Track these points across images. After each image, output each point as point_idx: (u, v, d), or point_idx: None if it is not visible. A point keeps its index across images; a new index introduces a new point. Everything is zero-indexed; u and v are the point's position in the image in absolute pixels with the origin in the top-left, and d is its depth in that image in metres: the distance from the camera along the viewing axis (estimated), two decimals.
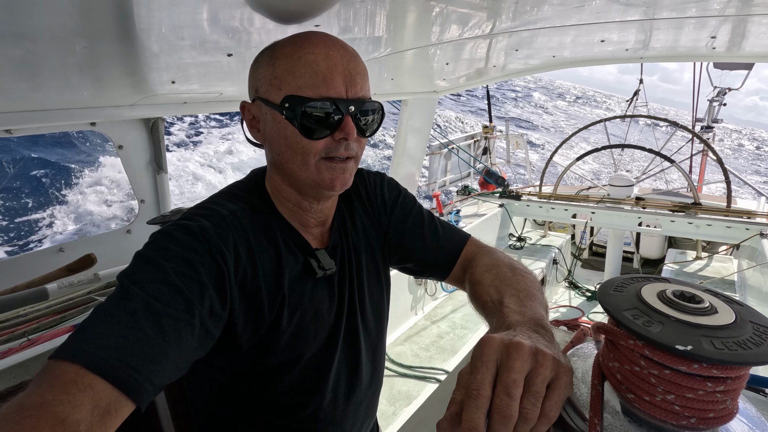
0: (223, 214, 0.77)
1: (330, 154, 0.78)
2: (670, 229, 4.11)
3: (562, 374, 0.52)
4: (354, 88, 0.77)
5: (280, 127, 0.78)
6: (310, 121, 0.75)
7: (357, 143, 0.81)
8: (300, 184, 0.82)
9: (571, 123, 26.87)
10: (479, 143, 6.27)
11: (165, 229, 0.72)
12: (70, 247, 2.13)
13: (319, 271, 0.86)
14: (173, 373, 0.62)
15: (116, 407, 0.55)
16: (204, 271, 0.69)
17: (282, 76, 0.76)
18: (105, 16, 0.77)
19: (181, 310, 0.64)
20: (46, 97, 1.34)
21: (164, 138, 2.32)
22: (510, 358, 0.51)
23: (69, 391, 0.52)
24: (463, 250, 0.99)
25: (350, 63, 0.77)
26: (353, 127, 0.77)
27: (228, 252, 0.73)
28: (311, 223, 0.89)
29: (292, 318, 0.83)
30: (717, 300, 0.54)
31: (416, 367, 2.99)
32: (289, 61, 0.76)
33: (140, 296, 0.62)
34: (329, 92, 0.75)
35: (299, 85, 0.75)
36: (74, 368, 0.54)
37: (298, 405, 0.88)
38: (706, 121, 7.98)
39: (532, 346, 0.53)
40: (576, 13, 1.31)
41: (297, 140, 0.77)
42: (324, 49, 0.76)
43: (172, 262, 0.67)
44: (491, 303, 0.77)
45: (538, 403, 0.49)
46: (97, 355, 0.55)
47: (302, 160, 0.78)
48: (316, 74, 0.74)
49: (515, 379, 0.50)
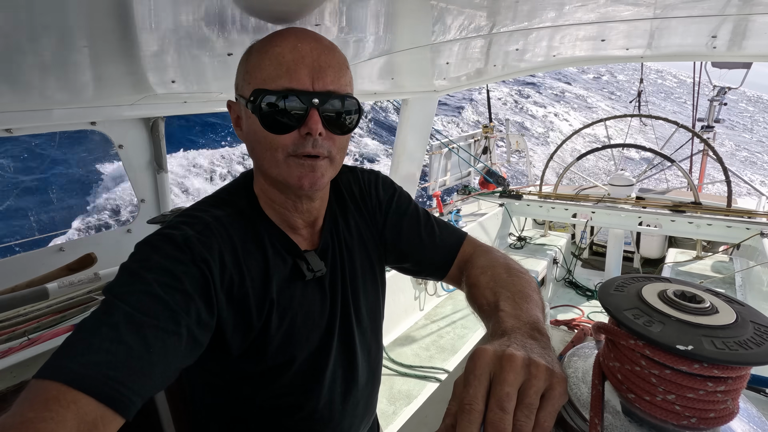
0: (207, 221, 0.75)
1: (297, 150, 0.75)
2: (671, 228, 4.11)
3: (556, 384, 0.52)
4: (322, 81, 0.74)
5: (251, 123, 0.77)
6: (273, 115, 0.73)
7: (330, 141, 0.77)
8: (275, 182, 0.81)
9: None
10: (479, 143, 6.27)
11: (148, 238, 0.71)
12: (70, 246, 2.13)
13: (308, 273, 0.84)
14: (161, 382, 0.62)
15: (104, 422, 0.54)
16: (188, 281, 0.68)
17: (251, 70, 0.76)
18: (105, 15, 0.77)
19: (165, 321, 0.63)
20: (46, 96, 1.34)
21: (164, 137, 2.32)
22: (503, 371, 0.51)
23: (51, 408, 0.51)
24: (460, 250, 0.98)
25: (321, 55, 0.75)
26: (318, 120, 0.74)
27: (213, 260, 0.72)
28: (300, 224, 0.87)
29: (282, 322, 0.82)
30: (718, 300, 0.54)
31: (416, 367, 2.99)
32: (258, 55, 0.75)
33: (122, 309, 0.61)
34: (292, 83, 0.73)
35: (264, 77, 0.74)
36: (55, 386, 0.53)
37: (294, 407, 0.88)
38: (707, 121, 7.97)
39: (525, 357, 0.53)
40: (576, 12, 1.31)
41: (263, 135, 0.75)
42: (292, 42, 0.74)
43: (154, 273, 0.66)
44: (487, 306, 0.76)
45: (532, 415, 0.49)
46: (79, 371, 0.55)
47: (271, 156, 0.76)
48: (280, 66, 0.73)
49: (508, 392, 0.49)
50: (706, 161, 7.84)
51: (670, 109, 33.72)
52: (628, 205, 4.33)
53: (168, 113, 2.01)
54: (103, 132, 2.10)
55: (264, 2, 0.82)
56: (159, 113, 2.07)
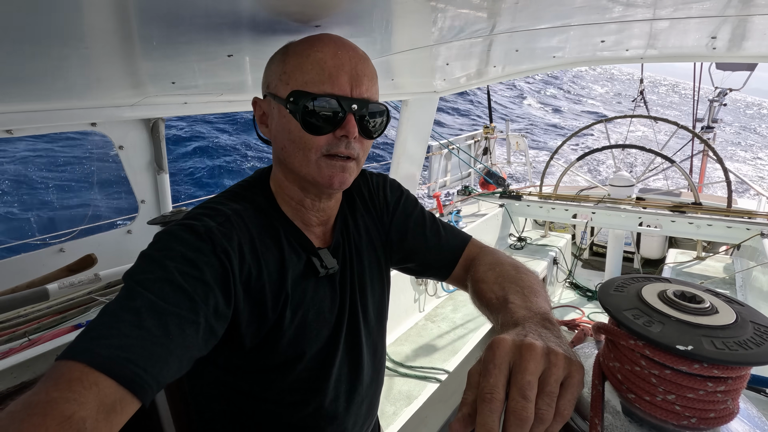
0: (227, 213, 0.77)
1: (331, 151, 0.79)
2: (671, 229, 4.11)
3: (575, 372, 0.52)
4: (359, 89, 0.78)
5: (285, 122, 0.79)
6: (312, 117, 0.76)
7: (359, 144, 0.81)
8: (301, 180, 0.83)
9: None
10: (479, 143, 6.28)
11: (170, 228, 0.73)
12: (70, 247, 2.14)
13: (322, 270, 0.86)
14: (177, 370, 0.63)
15: (122, 405, 0.55)
16: (208, 271, 0.69)
17: (290, 71, 0.78)
18: (105, 17, 0.77)
19: (185, 309, 0.64)
20: (46, 97, 1.34)
21: (164, 138, 2.32)
22: (523, 360, 0.51)
23: (74, 388, 0.52)
24: (465, 251, 1.00)
25: (358, 64, 0.79)
26: (355, 125, 0.78)
27: (233, 251, 0.73)
28: (314, 222, 0.89)
29: (295, 317, 0.83)
30: (718, 300, 0.54)
31: (417, 367, 2.99)
32: (299, 58, 0.78)
33: (144, 296, 0.62)
34: (334, 89, 0.76)
35: (306, 81, 0.77)
36: (79, 366, 0.54)
37: (300, 403, 0.89)
38: (706, 121, 7.97)
39: (544, 347, 0.53)
40: (576, 13, 1.31)
41: (299, 135, 0.78)
42: (333, 49, 0.77)
43: (176, 261, 0.67)
44: (495, 300, 0.78)
45: (553, 403, 0.49)
46: (102, 353, 0.56)
47: (303, 156, 0.79)
48: (322, 71, 0.76)
49: (530, 381, 0.50)
50: (706, 162, 7.84)
51: (669, 114, 33.73)
52: (629, 206, 4.32)
53: (168, 114, 2.01)
54: (104, 133, 2.10)
55: (265, 5, 0.83)
56: (159, 114, 2.07)
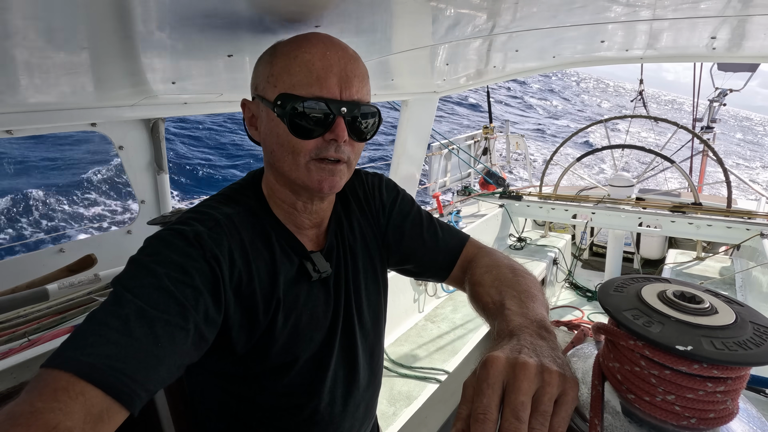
0: (218, 218, 0.76)
1: (320, 155, 0.77)
2: (671, 229, 4.11)
3: (569, 389, 0.52)
4: (349, 90, 0.76)
5: (273, 125, 0.77)
6: (301, 120, 0.74)
7: (350, 147, 0.80)
8: (292, 184, 0.82)
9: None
10: (479, 144, 6.27)
11: (159, 233, 0.72)
12: (70, 247, 2.13)
13: (315, 274, 0.85)
14: (167, 378, 0.62)
15: (109, 414, 0.54)
16: (198, 276, 0.68)
17: (278, 74, 0.76)
18: (106, 16, 0.77)
19: (174, 315, 0.63)
20: (46, 97, 1.34)
21: (164, 138, 2.32)
22: (517, 380, 0.51)
23: (60, 398, 0.51)
24: (463, 252, 0.98)
25: (348, 65, 0.77)
26: (344, 128, 0.76)
27: (223, 257, 0.72)
28: (306, 225, 0.88)
29: (287, 321, 0.83)
30: (717, 300, 0.54)
31: (416, 368, 2.98)
32: (286, 60, 0.76)
33: (132, 302, 0.61)
34: (322, 92, 0.74)
35: (293, 83, 0.75)
36: (65, 376, 0.53)
37: (295, 408, 0.88)
38: (706, 121, 7.97)
39: (538, 364, 0.52)
40: (576, 13, 1.31)
41: (288, 139, 0.76)
42: (321, 50, 0.75)
43: (165, 267, 0.66)
44: (492, 304, 0.77)
45: (547, 422, 0.49)
46: (88, 362, 0.55)
47: (293, 160, 0.78)
48: (310, 73, 0.74)
49: (523, 401, 0.49)
50: (706, 162, 7.84)
51: (669, 115, 33.77)
52: (628, 206, 4.33)
53: (168, 114, 2.01)
54: (104, 133, 2.10)
55: (265, 4, 0.82)
56: (159, 114, 2.07)
